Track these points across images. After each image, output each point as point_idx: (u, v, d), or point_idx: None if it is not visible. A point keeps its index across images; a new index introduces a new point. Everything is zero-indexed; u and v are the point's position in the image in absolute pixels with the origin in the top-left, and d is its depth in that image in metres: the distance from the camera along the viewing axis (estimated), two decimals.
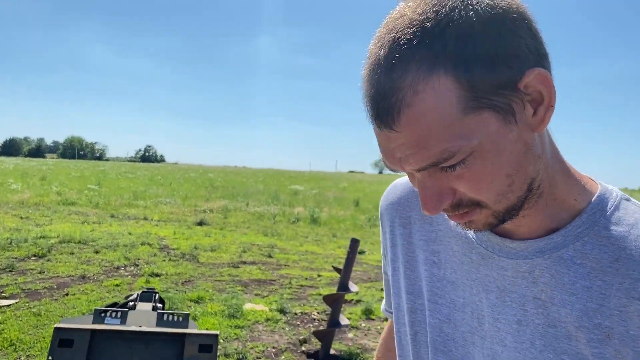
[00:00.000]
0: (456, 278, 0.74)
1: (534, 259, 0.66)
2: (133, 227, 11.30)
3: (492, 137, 0.57)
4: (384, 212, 0.89)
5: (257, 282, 7.05)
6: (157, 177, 36.01)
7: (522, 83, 0.56)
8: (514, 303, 0.67)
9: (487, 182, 0.59)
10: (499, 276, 0.69)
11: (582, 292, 0.62)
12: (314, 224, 14.07)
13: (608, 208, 0.65)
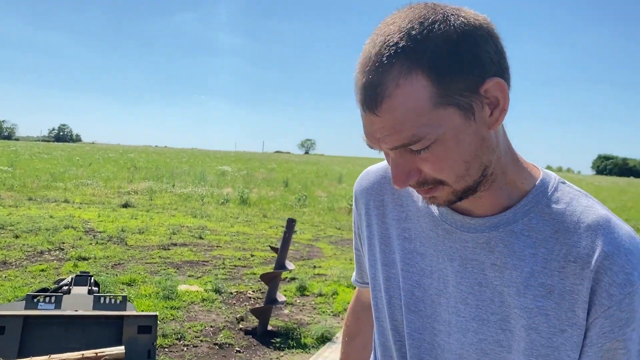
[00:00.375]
0: (424, 250, 0.87)
1: (490, 232, 0.79)
2: (54, 210, 10.83)
3: (454, 129, 0.70)
4: (359, 197, 1.00)
5: (190, 263, 7.04)
6: (75, 158, 34.37)
7: (482, 88, 0.69)
8: (474, 269, 0.80)
9: (447, 166, 0.72)
10: (461, 247, 0.82)
11: (529, 258, 0.76)
12: (243, 205, 14.07)
13: (549, 190, 0.79)
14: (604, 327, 0.72)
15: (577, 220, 0.76)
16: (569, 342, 0.74)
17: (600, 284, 0.71)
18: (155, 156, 46.75)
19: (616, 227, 0.74)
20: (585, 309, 0.73)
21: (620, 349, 0.72)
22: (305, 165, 46.53)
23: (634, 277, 0.71)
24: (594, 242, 0.73)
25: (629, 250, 0.72)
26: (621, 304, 0.71)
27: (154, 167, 28.55)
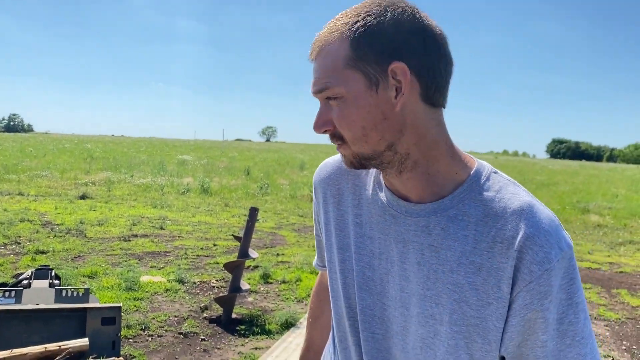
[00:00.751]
0: (373, 234, 0.96)
1: (429, 217, 0.88)
2: (8, 203, 10.54)
3: (355, 92, 0.82)
4: (318, 186, 1.09)
5: (152, 254, 7.00)
6: (28, 149, 33.26)
7: (390, 67, 0.81)
8: (415, 250, 0.89)
9: (346, 124, 0.84)
10: (404, 230, 0.91)
11: (462, 239, 0.85)
12: (205, 194, 13.98)
13: (482, 179, 0.88)
14: (525, 299, 0.81)
15: (504, 205, 0.85)
16: (495, 314, 0.83)
17: (523, 262, 0.81)
18: (113, 146, 45.70)
19: (538, 212, 0.83)
20: (509, 284, 0.82)
21: (539, 319, 0.81)
22: (267, 153, 46.36)
23: (552, 255, 0.80)
24: (518, 225, 0.82)
25: (547, 231, 0.81)
26: (540, 279, 0.80)
27: (111, 157, 27.94)
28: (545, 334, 0.82)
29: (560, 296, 0.81)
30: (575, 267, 0.84)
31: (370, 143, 0.84)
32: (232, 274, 4.63)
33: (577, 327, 0.83)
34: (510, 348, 0.84)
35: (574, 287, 0.82)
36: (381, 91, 0.82)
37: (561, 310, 0.82)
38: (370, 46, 0.80)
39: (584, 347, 0.83)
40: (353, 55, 0.81)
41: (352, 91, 0.82)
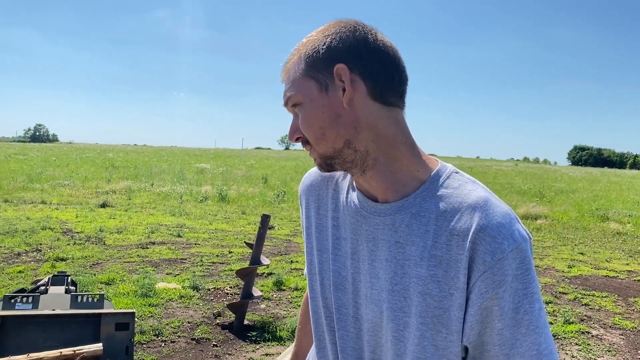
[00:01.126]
0: (347, 235, 1.01)
1: (395, 215, 0.94)
2: (31, 212, 10.79)
3: (311, 96, 0.92)
4: (302, 194, 1.17)
5: (168, 261, 7.11)
6: (52, 158, 33.96)
7: (334, 69, 0.90)
8: (383, 247, 0.94)
9: (307, 126, 0.94)
10: (374, 229, 0.96)
11: (424, 234, 0.90)
12: (222, 202, 14.12)
13: (442, 178, 0.94)
14: (481, 289, 0.85)
15: (461, 201, 0.90)
16: (456, 304, 0.87)
17: (477, 253, 0.85)
18: (134, 155, 46.35)
19: (492, 206, 0.88)
20: (466, 274, 0.86)
21: (495, 307, 0.85)
22: (285, 161, 46.55)
23: (504, 246, 0.84)
24: (472, 218, 0.87)
25: (500, 223, 0.85)
26: (493, 268, 0.83)
27: (132, 166, 28.36)
28: (501, 322, 0.85)
29: (515, 286, 0.84)
30: (530, 259, 0.87)
31: (329, 141, 0.93)
32: (244, 280, 4.70)
33: (532, 317, 0.85)
34: (471, 337, 0.88)
35: (528, 278, 0.85)
36: (331, 93, 0.91)
37: (516, 299, 0.85)
38: (319, 55, 0.91)
39: (538, 336, 0.86)
40: (305, 66, 0.93)
41: (307, 96, 0.92)
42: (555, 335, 4.90)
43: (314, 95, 0.92)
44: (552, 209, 15.26)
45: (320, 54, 0.91)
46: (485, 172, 40.62)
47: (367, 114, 0.92)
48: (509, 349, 0.86)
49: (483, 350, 0.88)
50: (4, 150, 48.07)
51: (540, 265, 7.96)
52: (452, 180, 0.93)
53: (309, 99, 0.93)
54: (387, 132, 0.93)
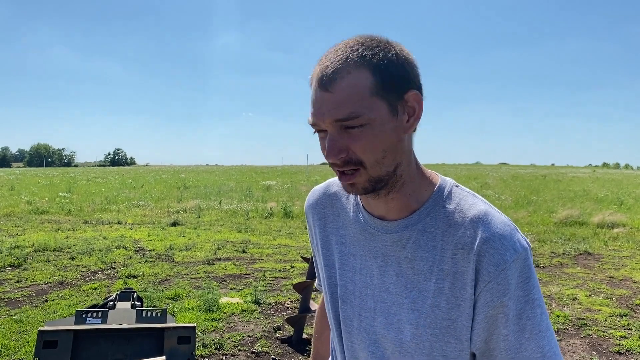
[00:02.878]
0: (355, 251, 1.05)
1: (402, 232, 0.97)
2: (107, 232, 11.40)
3: (381, 118, 0.89)
4: (308, 212, 1.20)
5: (232, 276, 7.30)
6: (128, 181, 35.76)
7: (406, 95, 0.90)
8: (393, 263, 0.98)
9: (370, 148, 0.89)
10: (382, 246, 1.00)
11: (432, 250, 0.94)
12: (286, 218, 14.34)
13: (444, 194, 0.98)
14: (487, 298, 0.90)
15: (463, 215, 0.94)
16: (463, 314, 0.92)
17: (482, 264, 0.89)
18: (205, 175, 47.96)
19: (493, 218, 0.92)
20: (472, 285, 0.91)
21: (500, 314, 0.90)
22: None
23: (507, 257, 0.89)
24: (475, 231, 0.91)
25: (502, 235, 0.90)
26: (498, 278, 0.89)
27: (202, 185, 29.36)
28: (506, 328, 0.90)
29: (517, 293, 0.89)
30: (531, 266, 0.91)
31: (386, 164, 0.92)
32: (301, 294, 4.76)
33: (534, 321, 0.90)
34: (478, 344, 0.93)
35: (529, 285, 0.90)
36: (399, 117, 0.91)
37: (519, 306, 0.90)
38: (391, 76, 0.88)
39: (542, 340, 0.91)
40: (377, 85, 0.87)
41: (378, 118, 0.88)
42: (630, 350, 4.63)
43: (384, 118, 0.89)
44: (631, 216, 14.40)
45: (393, 75, 0.89)
46: (559, 179, 38.93)
47: (409, 142, 0.96)
48: (514, 353, 0.91)
49: (490, 356, 0.93)
50: (86, 174, 51.12)
51: (616, 276, 7.54)
52: (454, 195, 0.98)
53: (379, 121, 0.88)
54: (412, 156, 0.98)
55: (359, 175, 0.92)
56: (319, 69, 0.91)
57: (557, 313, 5.69)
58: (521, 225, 13.37)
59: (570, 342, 4.84)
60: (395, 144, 0.91)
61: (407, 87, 0.90)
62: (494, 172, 53.90)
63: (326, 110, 0.88)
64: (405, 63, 0.90)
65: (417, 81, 0.92)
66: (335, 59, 0.89)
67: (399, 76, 0.89)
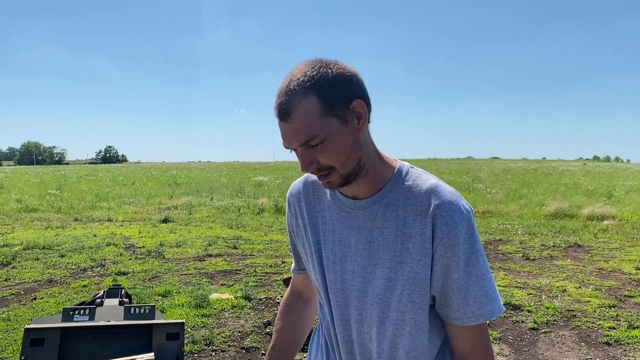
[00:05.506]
0: (335, 228, 1.26)
1: (372, 207, 1.19)
2: (98, 229, 11.34)
3: (335, 131, 1.09)
4: (291, 201, 1.39)
5: (223, 273, 7.28)
6: (119, 178, 35.58)
7: (352, 105, 1.10)
8: (366, 233, 1.20)
9: (334, 156, 1.10)
10: (356, 221, 1.21)
11: (396, 218, 1.16)
12: (278, 214, 14.33)
13: (403, 174, 1.20)
14: (441, 251, 1.12)
15: (419, 189, 1.16)
16: (424, 266, 1.14)
17: (436, 225, 1.12)
18: (197, 171, 47.81)
19: (443, 189, 1.14)
20: (430, 242, 1.13)
21: (452, 263, 1.13)
22: None
23: (455, 217, 1.11)
24: (429, 200, 1.13)
25: (450, 201, 1.13)
26: (449, 234, 1.11)
27: (194, 182, 29.26)
28: (457, 273, 1.13)
29: (465, 246, 1.12)
30: (474, 225, 1.14)
31: (352, 162, 1.13)
32: None
33: (478, 268, 1.14)
34: (437, 288, 1.15)
35: (473, 239, 1.13)
36: (350, 123, 1.10)
37: (467, 256, 1.13)
38: (334, 94, 1.07)
39: (484, 281, 1.16)
40: (323, 106, 1.06)
41: (333, 131, 1.08)
42: (618, 341, 4.66)
43: (337, 130, 1.09)
44: (620, 208, 14.50)
45: (335, 93, 1.07)
46: (550, 172, 39.13)
47: (366, 137, 1.16)
48: (464, 292, 1.14)
49: (446, 297, 1.16)
50: (77, 172, 50.82)
51: (605, 268, 7.59)
52: (410, 174, 1.20)
53: (334, 134, 1.08)
54: (371, 147, 1.18)
55: (332, 175, 1.13)
56: (276, 103, 1.09)
57: (546, 305, 5.72)
58: (512, 218, 13.45)
59: (559, 334, 4.87)
60: (353, 145, 1.11)
61: (349, 98, 1.08)
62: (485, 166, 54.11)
63: (290, 137, 1.09)
64: (343, 79, 1.08)
65: (358, 90, 1.10)
66: (287, 92, 1.07)
67: (339, 92, 1.07)
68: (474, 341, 1.18)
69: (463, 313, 1.16)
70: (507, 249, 9.14)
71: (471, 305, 1.14)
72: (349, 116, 1.09)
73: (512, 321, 5.23)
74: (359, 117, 1.11)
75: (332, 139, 1.08)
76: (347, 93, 1.08)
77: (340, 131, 1.09)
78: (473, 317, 1.15)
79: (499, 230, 11.43)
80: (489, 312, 1.16)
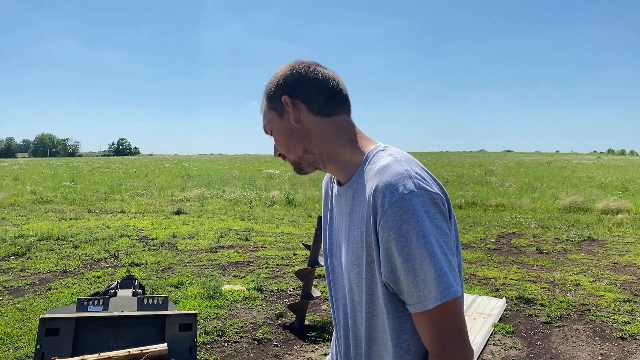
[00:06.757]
0: (335, 215, 1.36)
1: (347, 193, 1.24)
2: (111, 221, 11.42)
3: (276, 122, 1.27)
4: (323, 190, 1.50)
5: (235, 264, 7.31)
6: (132, 170, 35.78)
7: (282, 99, 1.24)
8: (346, 218, 1.25)
9: (279, 145, 1.29)
10: (342, 207, 1.28)
11: (359, 203, 1.18)
12: (289, 206, 14.34)
13: (370, 157, 1.20)
14: (381, 234, 1.09)
15: (372, 171, 1.15)
16: (375, 250, 1.13)
17: (376, 207, 1.09)
18: (209, 164, 47.95)
19: (388, 169, 1.11)
20: (374, 226, 1.11)
21: (392, 247, 1.08)
22: None
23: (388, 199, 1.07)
24: (373, 182, 1.12)
25: (388, 182, 1.09)
26: (384, 217, 1.07)
27: (206, 174, 29.36)
28: (400, 257, 1.06)
29: (405, 228, 1.05)
30: (415, 205, 1.06)
31: (294, 152, 1.27)
32: (302, 281, 4.75)
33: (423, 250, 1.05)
34: (387, 274, 1.11)
35: (414, 220, 1.05)
36: (285, 116, 1.25)
37: (409, 238, 1.05)
38: (272, 92, 1.26)
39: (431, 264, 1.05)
40: (268, 103, 1.28)
41: (274, 123, 1.27)
42: (633, 336, 4.61)
43: (276, 121, 1.27)
44: (635, 202, 14.33)
45: (274, 91, 1.26)
46: (564, 166, 38.77)
47: (312, 126, 1.25)
48: (413, 276, 1.06)
49: (397, 283, 1.10)
50: (90, 164, 51.20)
51: (620, 262, 7.51)
52: (375, 157, 1.20)
53: (275, 125, 1.27)
54: (329, 136, 1.25)
55: (288, 162, 1.31)
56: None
57: (560, 299, 5.67)
58: (525, 211, 13.34)
59: (573, 328, 4.83)
60: (291, 135, 1.25)
61: (280, 95, 1.24)
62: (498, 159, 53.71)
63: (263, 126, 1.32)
64: (282, 79, 1.25)
65: (288, 87, 1.24)
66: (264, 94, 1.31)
67: (275, 91, 1.25)
68: (431, 334, 1.10)
69: (411, 299, 1.09)
70: (520, 243, 9.07)
71: (419, 291, 1.07)
72: (284, 110, 1.25)
73: (525, 315, 5.19)
74: (288, 109, 1.24)
75: (275, 130, 1.28)
76: (278, 91, 1.25)
77: (278, 123, 1.27)
78: (418, 303, 1.07)
79: (512, 223, 11.35)
80: (430, 299, 1.06)
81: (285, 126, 1.26)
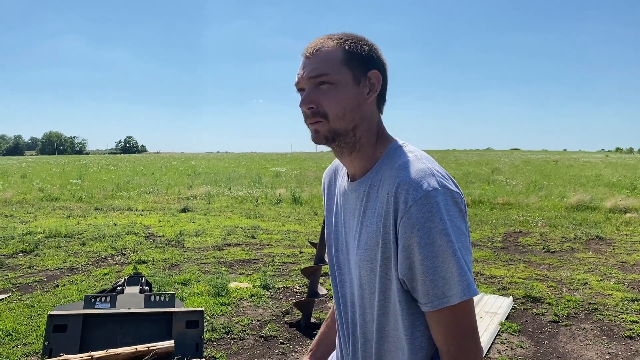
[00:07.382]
0: (341, 211, 1.32)
1: (360, 189, 1.22)
2: (118, 218, 11.47)
3: (345, 82, 1.15)
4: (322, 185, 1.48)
5: (242, 262, 7.32)
6: (139, 168, 35.91)
7: (370, 73, 1.18)
8: (357, 215, 1.22)
9: (333, 103, 1.15)
10: (352, 203, 1.25)
11: (375, 200, 1.17)
12: (295, 204, 14.34)
13: (390, 153, 1.19)
14: (402, 231, 1.08)
15: (393, 167, 1.15)
16: (393, 246, 1.11)
17: (398, 204, 1.09)
18: (216, 162, 48.06)
19: (411, 167, 1.12)
20: (394, 223, 1.10)
21: (414, 244, 1.07)
22: None
23: (413, 196, 1.06)
24: (395, 179, 1.11)
25: (411, 179, 1.09)
26: (407, 213, 1.06)
27: (212, 172, 29.42)
28: (420, 254, 1.06)
29: (428, 225, 1.05)
30: (439, 203, 1.06)
31: (345, 121, 1.16)
32: (309, 279, 4.75)
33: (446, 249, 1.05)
34: (404, 271, 1.10)
35: (438, 218, 1.05)
36: (361, 87, 1.17)
37: (431, 236, 1.05)
38: (362, 55, 1.16)
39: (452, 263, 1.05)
40: (346, 57, 1.15)
41: (343, 81, 1.15)
42: None
43: (348, 83, 1.15)
44: None
45: (364, 55, 1.17)
46: (571, 164, 38.58)
47: (371, 112, 1.20)
48: (432, 274, 1.06)
49: (414, 281, 1.09)
50: (97, 162, 51.43)
51: (628, 261, 7.46)
52: (395, 153, 1.19)
53: (343, 83, 1.15)
54: (374, 130, 1.22)
55: (322, 125, 1.17)
56: (307, 46, 1.19)
57: (567, 297, 5.64)
58: (532, 210, 13.28)
59: (580, 327, 4.81)
60: (355, 107, 1.16)
61: (370, 66, 1.17)
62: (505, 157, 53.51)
63: (305, 71, 1.16)
64: (372, 50, 1.18)
65: (380, 65, 1.19)
66: (320, 39, 1.19)
67: (364, 56, 1.16)
68: (446, 332, 1.09)
69: (426, 297, 1.08)
70: (527, 241, 9.04)
71: (437, 288, 1.06)
72: (363, 81, 1.17)
73: (532, 313, 5.18)
74: (371, 87, 1.18)
75: (340, 88, 1.15)
76: (369, 60, 1.17)
77: (349, 86, 1.16)
78: (436, 300, 1.07)
79: (518, 222, 11.31)
80: (451, 296, 1.06)
81: (357, 94, 1.17)
